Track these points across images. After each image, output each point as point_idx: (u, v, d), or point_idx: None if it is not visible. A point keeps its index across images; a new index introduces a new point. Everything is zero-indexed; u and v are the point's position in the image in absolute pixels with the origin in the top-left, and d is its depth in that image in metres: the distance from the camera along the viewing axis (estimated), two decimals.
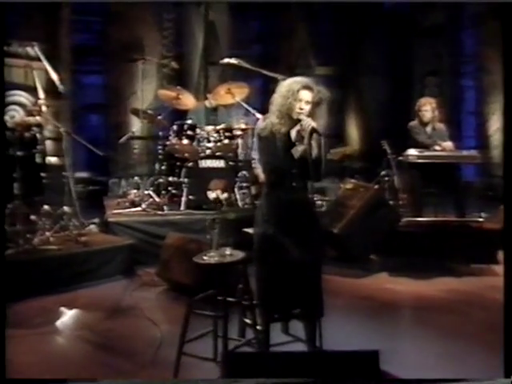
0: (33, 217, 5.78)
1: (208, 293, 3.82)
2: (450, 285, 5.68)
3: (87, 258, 5.70)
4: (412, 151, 6.50)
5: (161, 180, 7.05)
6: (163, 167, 7.09)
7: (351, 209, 6.32)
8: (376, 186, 6.56)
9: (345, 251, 6.34)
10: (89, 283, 5.56)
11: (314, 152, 3.70)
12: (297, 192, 3.77)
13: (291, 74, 9.24)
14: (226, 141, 6.94)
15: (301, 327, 3.94)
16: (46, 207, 5.83)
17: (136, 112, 7.21)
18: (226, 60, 7.04)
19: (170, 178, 6.99)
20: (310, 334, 3.97)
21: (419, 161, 6.45)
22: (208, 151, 6.86)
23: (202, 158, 6.80)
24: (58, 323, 4.74)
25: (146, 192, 7.00)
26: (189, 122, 6.97)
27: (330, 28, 9.89)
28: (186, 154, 6.91)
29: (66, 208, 5.99)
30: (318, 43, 9.65)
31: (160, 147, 7.18)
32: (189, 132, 6.87)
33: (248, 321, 4.00)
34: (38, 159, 5.88)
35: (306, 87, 3.70)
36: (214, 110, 7.49)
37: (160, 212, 6.66)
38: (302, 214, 3.78)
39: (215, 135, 6.91)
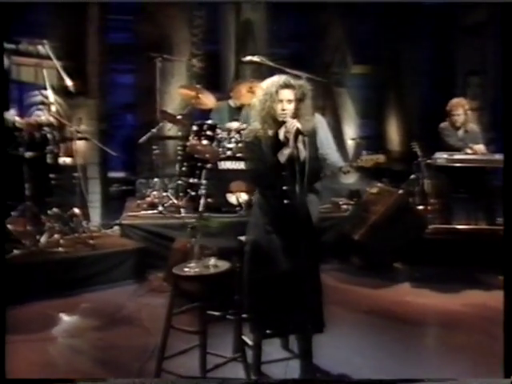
0: (43, 218, 5.68)
1: (190, 306, 3.60)
2: (477, 299, 5.27)
3: (95, 262, 5.55)
4: (440, 154, 6.13)
5: (179, 182, 6.85)
6: (183, 168, 6.88)
7: (374, 214, 5.99)
8: (400, 191, 6.19)
9: (366, 259, 6.02)
10: (95, 287, 5.41)
11: (302, 154, 3.50)
12: (289, 197, 3.54)
13: (327, 72, 9.09)
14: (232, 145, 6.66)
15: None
16: (55, 209, 5.70)
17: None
18: (249, 58, 6.82)
19: (191, 180, 6.77)
20: (306, 351, 3.72)
21: (448, 164, 6.08)
22: (229, 152, 6.61)
23: (223, 160, 6.56)
24: (54, 329, 4.61)
25: (165, 194, 6.82)
26: (209, 122, 6.73)
27: (368, 26, 9.51)
28: (207, 155, 6.68)
29: (75, 210, 5.86)
30: (355, 41, 9.28)
31: (180, 148, 6.99)
32: (208, 132, 6.63)
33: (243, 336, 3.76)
34: (49, 160, 5.78)
35: (285, 86, 3.52)
36: (239, 109, 7.24)
37: (176, 215, 6.46)
38: (295, 220, 3.53)
39: (236, 136, 6.66)
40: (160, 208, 6.58)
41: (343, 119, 9.21)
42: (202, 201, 6.54)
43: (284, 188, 3.54)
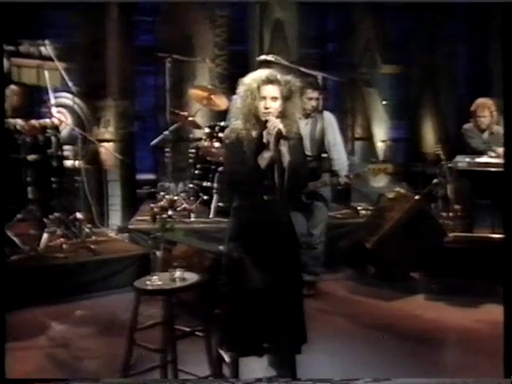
0: (46, 222, 5.59)
1: (154, 322, 3.39)
2: (495, 314, 4.83)
3: (95, 268, 5.41)
4: (462, 158, 5.77)
5: (191, 185, 6.67)
6: (196, 171, 6.68)
7: (388, 221, 5.67)
8: (417, 197, 5.84)
9: (380, 268, 5.71)
10: (93, 294, 5.27)
11: (286, 159, 3.14)
12: (269, 207, 3.21)
13: (356, 72, 8.77)
14: None
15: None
16: (56, 213, 5.60)
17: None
18: (263, 57, 6.59)
19: (204, 183, 6.56)
20: (286, 369, 3.45)
21: (470, 168, 5.71)
22: None
23: None
24: (43, 337, 4.48)
25: (176, 198, 6.65)
26: (221, 123, 6.52)
27: (399, 24, 9.11)
28: (220, 158, 6.46)
29: (78, 214, 5.74)
30: (385, 40, 8.89)
31: (192, 150, 6.80)
32: (221, 134, 6.40)
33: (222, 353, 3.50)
34: (53, 163, 5.68)
35: (268, 81, 3.14)
36: None
37: (186, 220, 6.28)
38: (275, 233, 3.20)
39: None
40: (170, 212, 6.39)
41: (373, 120, 8.86)
42: (213, 205, 6.36)
43: (265, 198, 3.20)
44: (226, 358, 3.44)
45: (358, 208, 6.78)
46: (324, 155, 5.31)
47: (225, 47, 8.48)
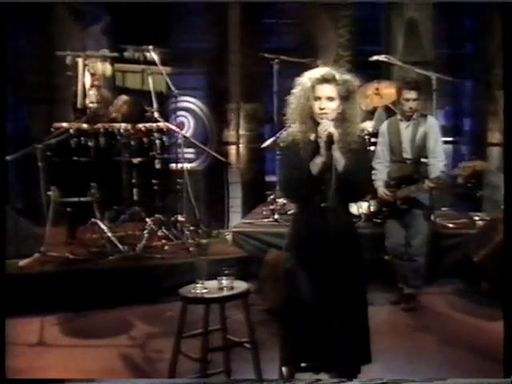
0: (148, 223, 5.74)
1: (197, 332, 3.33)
2: None
3: (191, 269, 5.45)
4: None
5: None
6: None
7: (500, 234, 5.18)
8: None
9: (490, 284, 5.23)
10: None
11: (340, 164, 2.94)
12: (327, 215, 2.97)
13: (489, 73, 8.15)
14: (372, 147, 6.15)
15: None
16: (157, 215, 5.74)
17: None
18: (375, 57, 6.42)
19: None
20: None
21: None
22: None
23: None
24: (123, 336, 4.59)
25: (283, 201, 6.57)
26: None
27: None
28: None
29: (179, 217, 5.83)
30: None
31: None
32: None
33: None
34: (157, 165, 5.83)
35: (324, 80, 2.96)
36: (372, 113, 6.73)
37: (287, 223, 6.16)
38: (332, 243, 2.95)
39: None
40: (276, 216, 6.34)
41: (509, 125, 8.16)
42: None
43: (323, 205, 2.98)
44: (284, 372, 3.32)
45: (475, 218, 6.26)
46: (424, 160, 4.99)
47: (349, 48, 8.26)
